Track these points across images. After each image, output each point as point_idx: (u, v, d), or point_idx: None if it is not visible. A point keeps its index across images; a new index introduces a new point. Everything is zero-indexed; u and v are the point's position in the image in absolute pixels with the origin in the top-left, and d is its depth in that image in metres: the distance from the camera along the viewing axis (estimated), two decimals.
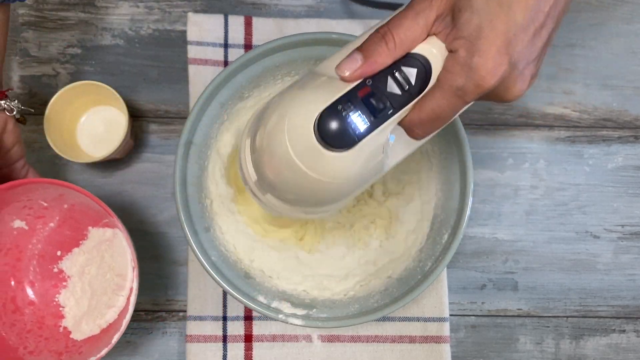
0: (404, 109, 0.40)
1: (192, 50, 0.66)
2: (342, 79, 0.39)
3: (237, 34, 0.67)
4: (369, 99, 0.39)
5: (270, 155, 0.43)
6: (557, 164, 0.69)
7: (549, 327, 0.67)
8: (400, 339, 0.64)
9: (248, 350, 0.63)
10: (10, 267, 0.58)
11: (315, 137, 0.39)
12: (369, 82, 0.39)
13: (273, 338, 0.63)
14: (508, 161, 0.68)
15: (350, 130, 0.39)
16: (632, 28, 0.71)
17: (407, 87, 0.39)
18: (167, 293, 0.65)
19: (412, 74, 0.39)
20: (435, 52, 0.39)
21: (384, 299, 0.58)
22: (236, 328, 0.63)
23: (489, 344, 0.66)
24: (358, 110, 0.39)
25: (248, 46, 0.67)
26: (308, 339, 0.63)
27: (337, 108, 0.39)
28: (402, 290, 0.57)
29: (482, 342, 0.66)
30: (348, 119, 0.39)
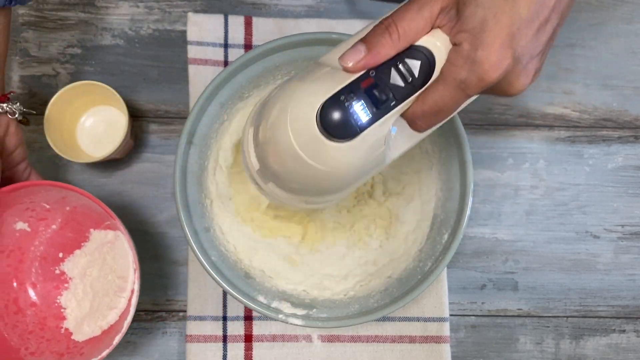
0: (406, 101, 0.40)
1: (192, 50, 0.66)
2: (345, 70, 0.39)
3: (237, 34, 0.67)
4: (372, 90, 0.39)
5: (273, 145, 0.43)
6: (557, 164, 0.69)
7: (549, 327, 0.67)
8: (400, 339, 0.64)
9: (248, 350, 0.63)
10: (12, 269, 0.58)
11: (317, 127, 0.39)
12: (372, 73, 0.39)
13: (273, 338, 0.63)
14: (508, 161, 0.68)
15: (352, 121, 0.39)
16: (632, 28, 0.71)
17: (410, 79, 0.39)
18: (167, 293, 0.65)
19: (415, 66, 0.39)
20: (439, 44, 0.39)
21: (384, 299, 0.58)
22: (236, 328, 0.63)
23: (489, 344, 0.66)
24: (361, 101, 0.39)
25: (248, 46, 0.67)
26: (308, 339, 0.63)
27: (339, 98, 0.39)
28: (402, 290, 0.57)
29: (482, 342, 0.66)
30: (350, 109, 0.39)
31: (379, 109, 0.39)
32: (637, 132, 0.70)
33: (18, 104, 0.54)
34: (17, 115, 0.53)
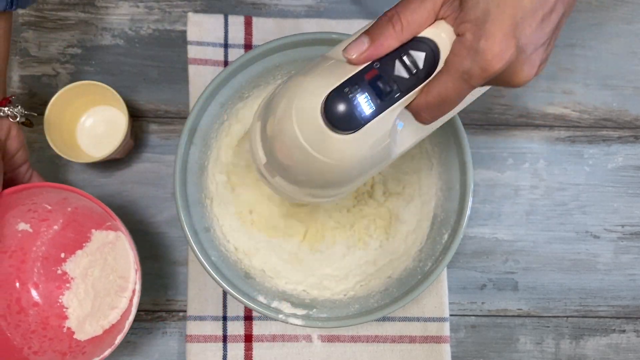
0: (411, 93, 0.39)
1: (192, 50, 0.66)
2: (349, 62, 0.39)
3: (237, 34, 0.67)
4: (376, 81, 0.39)
5: (279, 138, 0.43)
6: (557, 164, 0.69)
7: (549, 327, 0.67)
8: (400, 339, 0.64)
9: (248, 350, 0.63)
10: (15, 269, 0.59)
11: (322, 119, 0.39)
12: (376, 65, 0.39)
13: (273, 338, 0.63)
14: (508, 161, 0.68)
15: (356, 113, 0.39)
16: (632, 28, 0.71)
17: (414, 71, 0.39)
18: (167, 293, 0.65)
19: (420, 57, 0.39)
20: (443, 36, 0.39)
21: (384, 299, 0.58)
22: (236, 328, 0.63)
23: (489, 344, 0.66)
24: (365, 92, 0.39)
25: (248, 46, 0.67)
26: (308, 339, 0.63)
27: (343, 90, 0.39)
28: (402, 290, 0.57)
29: (482, 342, 0.66)
30: (355, 101, 0.38)
31: (383, 100, 0.39)
32: (637, 132, 0.70)
33: (19, 107, 0.54)
34: (18, 119, 0.54)
